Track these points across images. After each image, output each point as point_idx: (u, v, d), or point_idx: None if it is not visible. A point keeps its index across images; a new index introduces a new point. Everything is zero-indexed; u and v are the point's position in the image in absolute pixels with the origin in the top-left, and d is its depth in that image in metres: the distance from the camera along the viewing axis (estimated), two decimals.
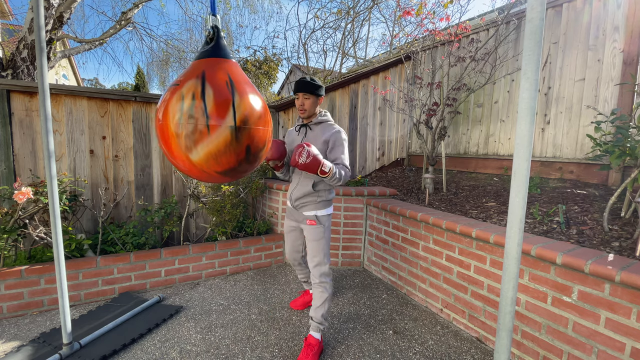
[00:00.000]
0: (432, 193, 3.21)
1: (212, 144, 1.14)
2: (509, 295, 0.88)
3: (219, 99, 1.14)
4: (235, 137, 1.16)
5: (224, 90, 1.16)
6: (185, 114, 1.12)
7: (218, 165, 1.19)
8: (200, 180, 1.29)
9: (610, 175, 2.70)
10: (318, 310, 1.89)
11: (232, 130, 1.15)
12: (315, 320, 1.89)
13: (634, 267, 1.40)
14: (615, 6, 2.69)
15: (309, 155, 1.66)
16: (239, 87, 1.20)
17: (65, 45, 8.47)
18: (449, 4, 3.59)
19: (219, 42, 1.28)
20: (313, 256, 1.92)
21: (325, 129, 1.91)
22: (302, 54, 8.38)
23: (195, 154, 1.16)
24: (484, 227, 2.02)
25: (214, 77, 1.18)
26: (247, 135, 1.19)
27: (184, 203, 3.18)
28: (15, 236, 2.24)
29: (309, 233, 1.92)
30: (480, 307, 2.03)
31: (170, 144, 1.17)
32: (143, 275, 2.60)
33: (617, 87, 2.66)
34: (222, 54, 1.27)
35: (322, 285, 1.90)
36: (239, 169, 1.26)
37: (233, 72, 1.24)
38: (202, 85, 1.15)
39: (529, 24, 0.80)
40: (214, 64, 1.23)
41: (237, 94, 1.18)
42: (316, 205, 1.91)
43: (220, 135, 1.14)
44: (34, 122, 2.57)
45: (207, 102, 1.13)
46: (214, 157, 1.16)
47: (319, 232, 1.90)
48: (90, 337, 1.90)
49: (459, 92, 3.43)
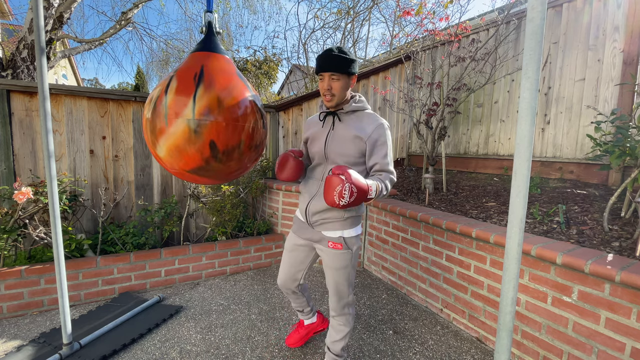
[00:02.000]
0: (432, 193, 3.21)
1: (170, 138, 1.08)
2: (509, 295, 0.88)
3: (180, 91, 1.08)
4: (193, 131, 1.06)
5: (188, 82, 1.09)
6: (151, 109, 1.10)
7: (183, 162, 1.12)
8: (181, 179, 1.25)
9: (610, 175, 2.70)
10: (337, 344, 1.57)
11: (189, 123, 1.05)
12: (334, 352, 1.59)
13: (634, 267, 1.40)
14: (616, 6, 2.69)
15: (352, 194, 1.19)
16: (209, 79, 1.11)
17: (65, 45, 8.46)
18: (449, 4, 3.59)
19: (208, 37, 1.24)
20: (335, 289, 1.50)
21: (361, 121, 1.43)
22: (302, 54, 8.38)
23: (160, 149, 1.11)
24: (484, 227, 2.02)
25: (184, 71, 1.12)
26: (209, 129, 1.07)
27: (184, 203, 3.18)
28: (15, 236, 2.24)
29: (331, 259, 1.46)
30: (480, 307, 2.03)
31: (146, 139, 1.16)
32: (143, 275, 2.60)
33: (617, 87, 2.66)
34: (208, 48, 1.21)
35: (344, 317, 1.55)
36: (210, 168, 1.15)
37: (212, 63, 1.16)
38: (169, 79, 1.11)
39: (529, 24, 0.80)
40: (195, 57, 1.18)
41: (203, 86, 1.08)
42: (343, 223, 1.44)
43: (177, 128, 1.06)
44: (34, 122, 2.57)
45: (169, 95, 1.07)
46: (176, 152, 1.09)
47: (345, 259, 1.44)
48: (90, 337, 1.90)
49: (459, 92, 3.42)
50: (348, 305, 1.55)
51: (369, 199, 1.27)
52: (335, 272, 1.47)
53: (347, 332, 1.57)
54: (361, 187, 1.22)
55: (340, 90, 1.37)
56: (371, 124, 1.41)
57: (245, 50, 16.19)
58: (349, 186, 1.18)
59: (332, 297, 1.54)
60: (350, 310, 1.56)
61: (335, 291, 1.51)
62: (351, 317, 1.57)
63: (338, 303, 1.53)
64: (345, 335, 1.57)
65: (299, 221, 1.60)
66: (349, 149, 1.41)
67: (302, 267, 1.63)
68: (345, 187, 1.18)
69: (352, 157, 1.43)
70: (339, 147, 1.43)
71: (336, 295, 1.52)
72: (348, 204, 1.20)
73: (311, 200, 1.48)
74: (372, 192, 1.26)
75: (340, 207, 1.21)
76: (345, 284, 1.49)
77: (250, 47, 10.03)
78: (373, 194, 1.27)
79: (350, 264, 1.47)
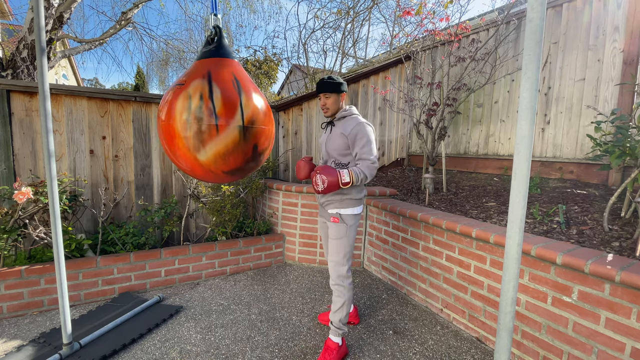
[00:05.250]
0: (432, 193, 3.21)
1: (221, 144, 1.15)
2: (509, 295, 0.88)
3: (227, 99, 1.15)
4: (243, 137, 1.18)
5: (231, 90, 1.17)
6: (193, 114, 1.13)
7: (225, 164, 1.20)
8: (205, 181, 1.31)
9: (610, 175, 2.70)
10: (335, 315, 1.85)
11: (241, 129, 1.17)
12: (334, 324, 1.85)
13: (634, 267, 1.40)
14: (616, 6, 2.69)
15: (323, 181, 1.68)
16: (245, 87, 1.21)
17: (65, 45, 8.46)
18: (449, 4, 3.59)
19: (221, 42, 1.28)
20: (332, 255, 1.87)
21: (346, 123, 1.85)
22: (302, 54, 8.38)
23: (204, 153, 1.16)
24: (484, 227, 2.02)
25: (220, 77, 1.18)
26: (254, 134, 1.21)
27: (184, 203, 3.18)
28: (15, 236, 2.24)
29: (331, 231, 1.88)
30: (480, 307, 2.03)
31: (176, 144, 1.17)
32: (143, 275, 2.60)
33: (617, 87, 2.66)
34: (225, 54, 1.27)
35: (338, 288, 1.84)
36: (245, 168, 1.28)
37: (237, 71, 1.25)
38: (209, 85, 1.15)
39: (529, 24, 0.80)
40: (218, 63, 1.23)
41: (244, 94, 1.19)
42: (340, 203, 1.86)
43: (229, 135, 1.15)
44: (34, 122, 2.57)
45: (216, 102, 1.13)
46: (222, 156, 1.18)
47: (340, 231, 1.84)
48: (90, 337, 1.90)
49: (459, 92, 3.43)
50: (342, 277, 1.84)
51: (345, 183, 1.70)
52: (333, 241, 1.86)
53: (342, 302, 1.83)
54: (331, 176, 1.68)
55: (332, 104, 1.86)
56: (352, 123, 1.82)
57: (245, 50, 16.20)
58: (319, 177, 1.70)
59: (330, 265, 1.88)
60: (344, 282, 1.84)
61: (332, 258, 1.86)
62: (345, 290, 1.84)
63: (334, 271, 1.85)
64: (340, 306, 1.83)
65: (319, 204, 2.04)
66: (338, 144, 1.85)
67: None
68: (318, 179, 1.70)
69: (341, 150, 1.85)
70: (332, 143, 1.88)
71: (332, 262, 1.86)
72: (326, 188, 1.69)
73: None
74: (345, 178, 1.70)
75: (320, 192, 1.72)
76: (340, 253, 1.84)
77: (250, 47, 10.04)
78: (346, 179, 1.70)
79: (345, 235, 1.84)
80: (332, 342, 1.84)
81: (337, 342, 1.84)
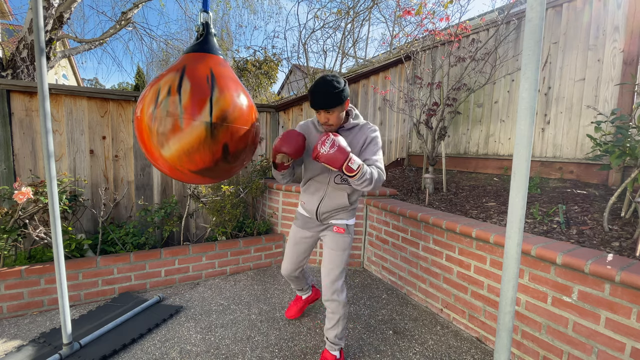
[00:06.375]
0: (432, 193, 3.21)
1: (184, 140, 1.08)
2: (509, 295, 0.88)
3: (195, 93, 1.08)
4: (210, 134, 1.09)
5: (202, 84, 1.10)
6: (159, 107, 1.07)
7: (192, 163, 1.12)
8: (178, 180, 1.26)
9: (610, 175, 2.70)
10: (331, 332, 1.70)
11: (207, 126, 1.08)
12: (330, 340, 1.73)
13: (634, 267, 1.40)
14: (616, 6, 2.68)
15: (333, 145, 1.36)
16: (221, 83, 1.14)
17: (65, 45, 8.46)
18: (449, 4, 3.59)
19: (206, 38, 1.24)
20: (331, 269, 1.67)
21: (360, 132, 1.62)
22: (302, 54, 8.39)
23: (167, 149, 1.10)
24: (484, 227, 2.02)
25: (194, 71, 1.12)
26: (224, 132, 1.12)
27: (184, 203, 3.18)
28: (15, 236, 2.24)
29: (333, 241, 1.69)
30: (480, 307, 2.03)
31: (144, 138, 1.12)
32: (143, 275, 2.60)
33: (617, 87, 2.66)
34: (208, 49, 1.21)
35: (334, 303, 1.66)
36: (216, 169, 1.18)
37: (217, 67, 1.18)
38: (179, 79, 1.10)
39: (528, 24, 0.80)
40: (197, 58, 1.18)
41: (217, 89, 1.11)
42: (348, 213, 1.71)
43: (193, 130, 1.07)
44: (34, 122, 2.57)
45: (182, 96, 1.07)
46: (186, 154, 1.10)
47: (345, 242, 1.69)
48: (90, 337, 1.90)
49: (459, 92, 3.42)
50: (339, 291, 1.66)
51: (349, 168, 1.39)
52: (334, 253, 1.68)
53: (337, 319, 1.67)
54: (343, 147, 1.37)
55: (337, 119, 1.52)
56: (365, 133, 1.61)
57: (245, 50, 16.19)
58: (331, 140, 1.37)
59: (324, 279, 1.69)
60: (339, 297, 1.66)
61: (328, 272, 1.67)
62: (340, 305, 1.66)
63: (329, 287, 1.67)
64: (336, 323, 1.68)
65: (304, 217, 1.81)
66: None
67: (306, 254, 1.88)
68: (329, 139, 1.37)
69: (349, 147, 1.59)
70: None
71: (328, 277, 1.67)
72: (327, 155, 1.35)
73: (321, 202, 1.70)
74: (354, 163, 1.39)
75: (321, 157, 1.36)
76: (341, 267, 1.67)
77: (250, 47, 10.04)
78: (354, 166, 1.39)
79: (348, 247, 1.70)
80: (329, 353, 1.73)
81: (334, 354, 1.73)
